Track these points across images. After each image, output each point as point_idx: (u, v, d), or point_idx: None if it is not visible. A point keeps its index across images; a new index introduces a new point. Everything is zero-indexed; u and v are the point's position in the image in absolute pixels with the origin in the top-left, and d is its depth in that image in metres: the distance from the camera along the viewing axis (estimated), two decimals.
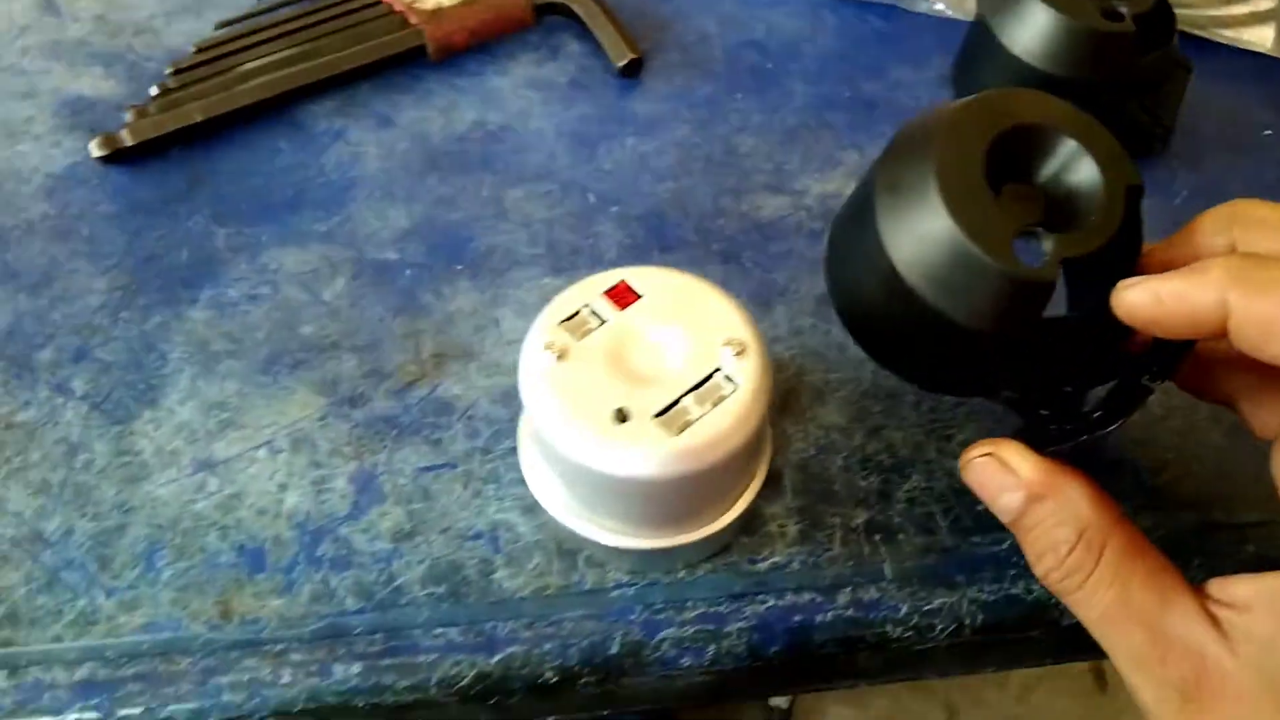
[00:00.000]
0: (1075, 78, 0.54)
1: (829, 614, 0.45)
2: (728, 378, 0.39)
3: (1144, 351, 0.41)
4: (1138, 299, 0.37)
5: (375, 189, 0.56)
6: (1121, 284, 0.37)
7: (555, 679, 0.43)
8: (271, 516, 0.46)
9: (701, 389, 0.39)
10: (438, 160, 0.57)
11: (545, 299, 0.51)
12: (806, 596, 0.45)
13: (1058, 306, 0.39)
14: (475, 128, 0.58)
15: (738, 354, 0.39)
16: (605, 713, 0.47)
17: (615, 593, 0.45)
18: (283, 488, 0.47)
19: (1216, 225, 0.39)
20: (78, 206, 0.55)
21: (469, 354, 0.50)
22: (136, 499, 0.46)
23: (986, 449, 0.40)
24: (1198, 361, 0.42)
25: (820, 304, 0.52)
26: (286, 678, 0.42)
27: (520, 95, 0.60)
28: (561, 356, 0.40)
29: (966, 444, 0.49)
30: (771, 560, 0.46)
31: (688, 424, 0.38)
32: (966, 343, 0.38)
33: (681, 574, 0.45)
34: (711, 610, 0.44)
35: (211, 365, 0.50)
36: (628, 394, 0.39)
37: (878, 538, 0.46)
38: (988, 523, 0.47)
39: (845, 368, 0.51)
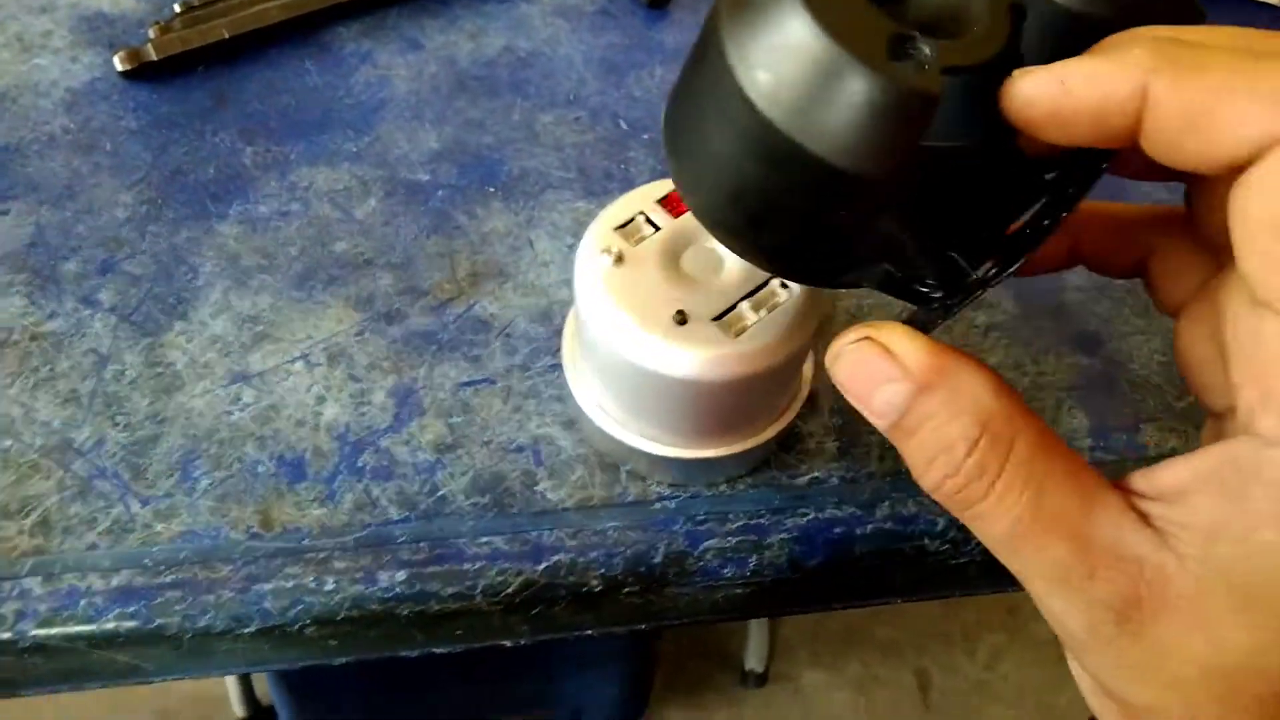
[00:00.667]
0: None
1: (868, 527, 0.44)
2: (782, 284, 0.39)
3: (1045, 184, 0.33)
4: (1038, 88, 0.29)
5: (404, 111, 0.54)
6: (1018, 72, 0.30)
7: (600, 588, 0.43)
8: (310, 428, 0.45)
9: (757, 295, 0.38)
10: (467, 84, 0.56)
11: (579, 222, 0.50)
12: (846, 510, 0.45)
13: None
14: (504, 53, 0.57)
15: None
16: (642, 626, 0.46)
17: (658, 505, 0.44)
18: (321, 400, 0.45)
19: (1118, 40, 0.31)
20: (100, 121, 0.53)
21: (504, 274, 0.49)
22: (170, 410, 0.45)
23: (862, 333, 0.32)
24: (1103, 225, 0.37)
25: None
26: (330, 584, 0.41)
27: (549, 23, 0.59)
28: (618, 261, 0.39)
29: (998, 367, 0.49)
30: (811, 475, 0.45)
31: (744, 329, 0.38)
32: (833, 191, 0.29)
33: (723, 488, 0.44)
34: (753, 522, 0.44)
35: (243, 280, 0.48)
36: (684, 298, 0.38)
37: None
38: None
39: None
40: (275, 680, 1.26)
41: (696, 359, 0.37)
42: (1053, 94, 0.29)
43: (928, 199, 0.32)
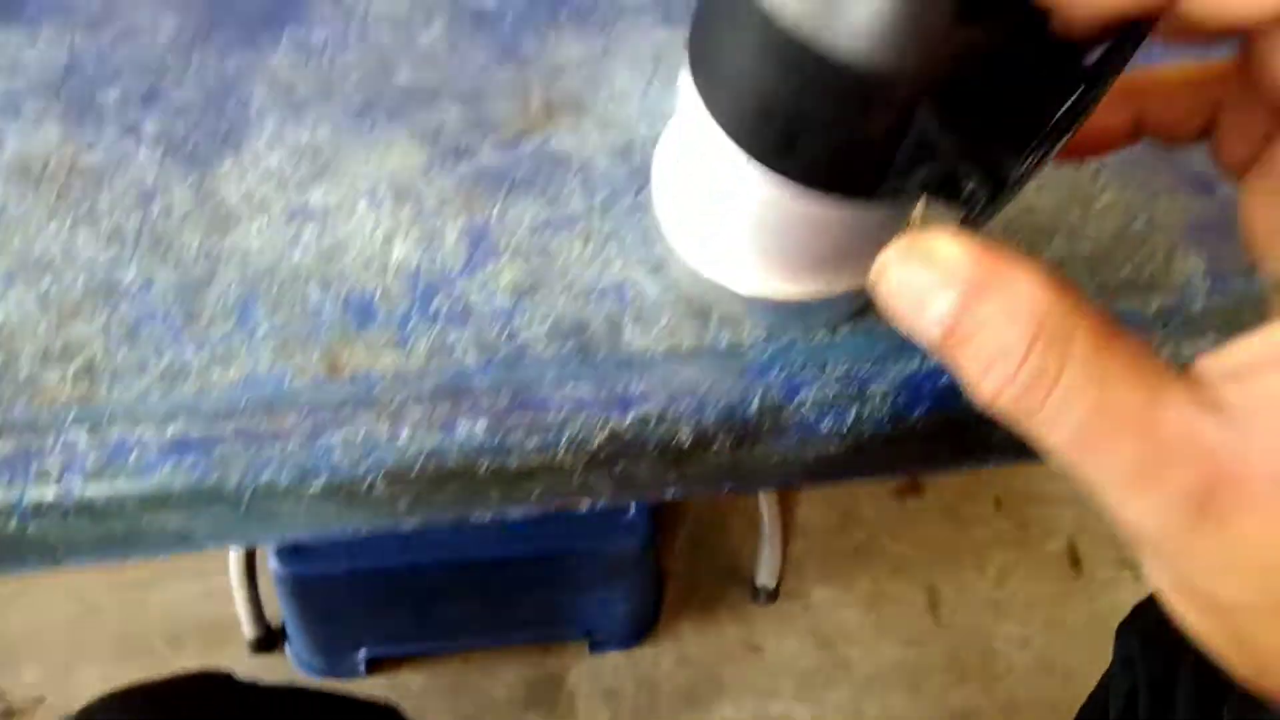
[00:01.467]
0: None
1: None
2: None
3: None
4: None
5: None
6: None
7: (689, 441, 0.39)
8: (378, 269, 0.41)
9: None
10: None
11: (659, 53, 0.45)
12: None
13: None
14: None
15: None
16: (726, 486, 0.43)
17: (751, 353, 0.40)
18: (388, 239, 0.41)
19: None
20: None
21: (581, 107, 0.45)
22: (224, 249, 0.41)
23: (902, 246, 0.29)
24: (1164, 91, 0.33)
25: None
26: (404, 436, 0.37)
27: None
28: None
29: (1110, 208, 0.45)
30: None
31: None
32: (862, 95, 0.28)
33: (821, 335, 0.40)
34: (854, 371, 0.40)
35: (299, 111, 0.44)
36: None
37: None
38: (1138, 285, 0.42)
39: None
40: (286, 597, 1.24)
41: None
42: None
43: (961, 93, 0.28)
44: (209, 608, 1.44)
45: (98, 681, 0.90)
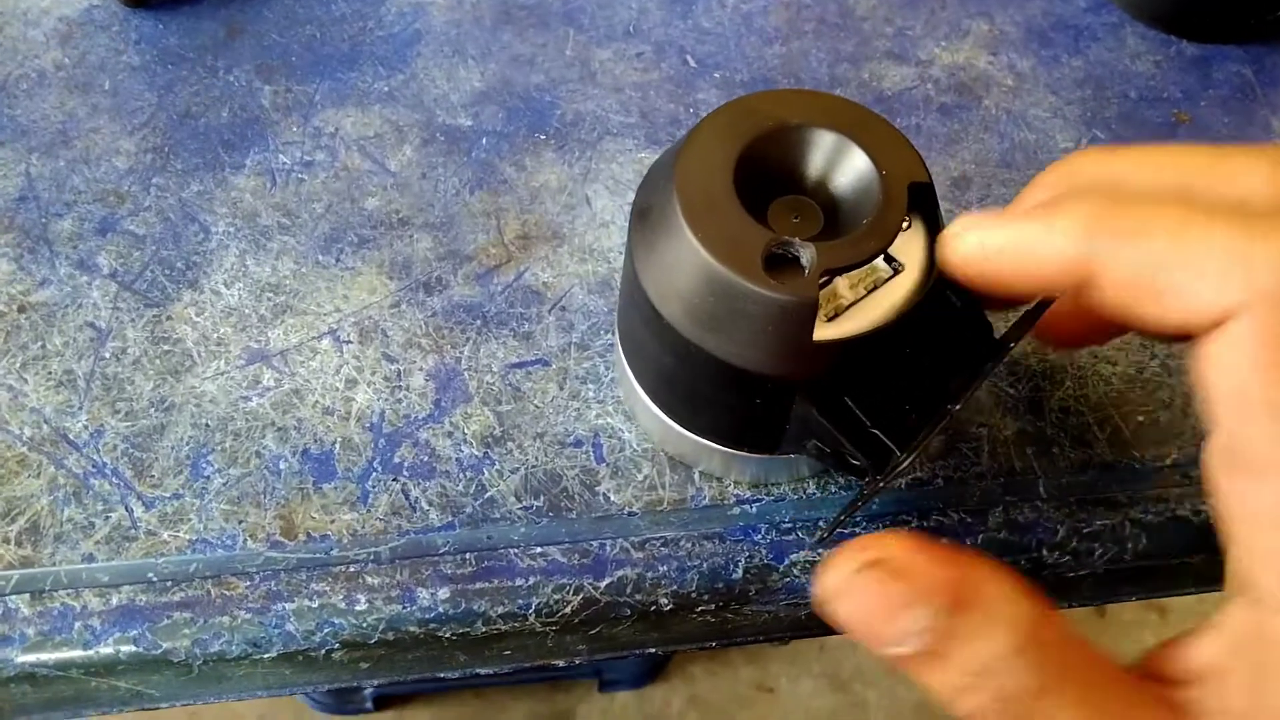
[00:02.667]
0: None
1: (979, 537, 0.37)
2: (889, 256, 0.31)
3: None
4: (969, 250, 0.28)
5: (443, 44, 0.46)
6: (950, 230, 0.29)
7: (670, 606, 0.36)
8: (339, 417, 0.37)
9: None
10: (513, 13, 0.47)
11: (642, 176, 0.42)
12: (954, 516, 0.37)
13: None
14: None
15: (905, 226, 0.31)
16: (712, 644, 0.39)
17: (737, 509, 0.37)
18: (351, 383, 0.38)
19: (1057, 183, 0.30)
20: (98, 56, 0.45)
21: (558, 236, 0.41)
22: (178, 394, 0.38)
23: (858, 558, 0.27)
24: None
25: (954, 186, 0.44)
26: (362, 603, 0.34)
27: None
28: None
29: (1123, 346, 0.41)
30: (913, 476, 0.38)
31: (838, 309, 0.30)
32: (741, 385, 0.31)
33: (810, 488, 0.37)
34: (846, 532, 0.36)
35: (262, 241, 0.41)
36: None
37: (1030, 450, 0.38)
38: (1149, 436, 0.39)
39: None
40: None
41: None
42: (982, 258, 0.28)
43: (839, 384, 0.31)
44: None
45: None
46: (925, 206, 0.31)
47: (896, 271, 0.30)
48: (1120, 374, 0.40)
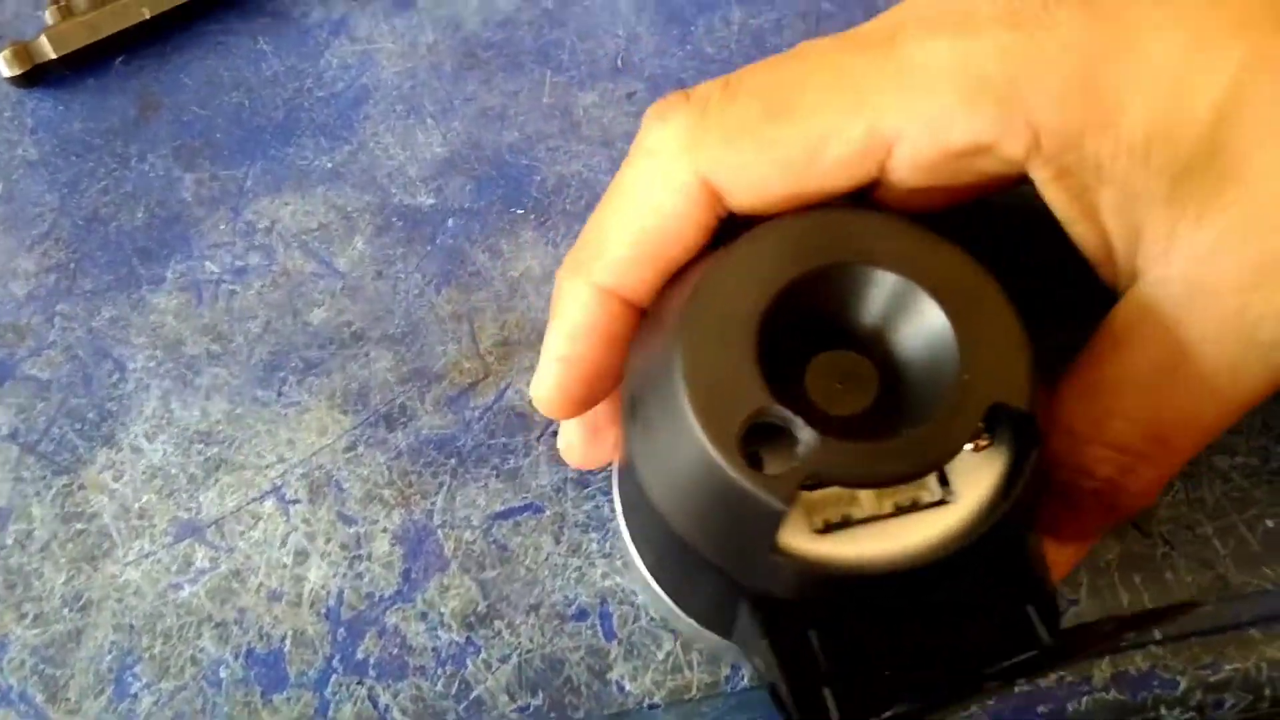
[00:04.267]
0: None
1: (1083, 700, 0.29)
2: (942, 475, 0.22)
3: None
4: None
5: (395, 102, 0.37)
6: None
7: None
8: (289, 602, 0.30)
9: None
10: (477, 55, 0.38)
11: None
12: (1053, 675, 0.29)
13: None
14: (526, 4, 0.39)
15: (975, 446, 0.22)
16: None
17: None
18: (301, 557, 0.30)
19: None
20: None
21: (544, 338, 0.33)
22: (96, 587, 0.30)
23: None
24: None
25: None
26: None
27: None
28: None
29: (1241, 428, 0.32)
30: None
31: (847, 519, 0.22)
32: (715, 576, 0.24)
33: None
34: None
35: (189, 377, 0.33)
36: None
37: (1137, 579, 0.30)
38: None
39: None
40: None
41: None
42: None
43: (806, 612, 0.23)
44: None
45: None
46: (1018, 429, 0.22)
47: (944, 501, 0.22)
48: (1241, 466, 0.31)
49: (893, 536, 0.22)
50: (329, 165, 0.36)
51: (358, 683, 0.29)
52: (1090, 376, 0.26)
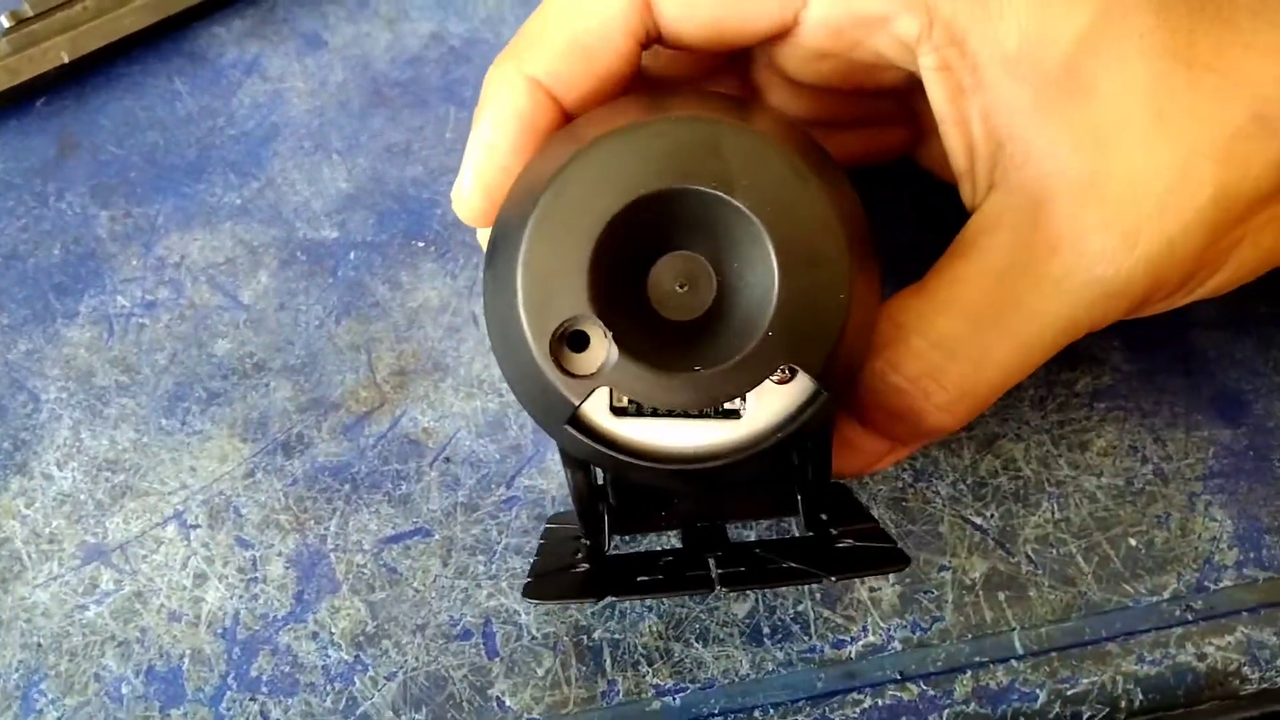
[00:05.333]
0: None
1: (944, 713, 0.30)
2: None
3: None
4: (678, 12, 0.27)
5: (303, 139, 0.39)
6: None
7: None
8: (188, 623, 0.31)
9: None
10: (384, 93, 0.39)
11: None
12: (914, 689, 0.30)
13: None
14: (432, 44, 0.41)
15: (778, 379, 0.23)
16: None
17: (657, 703, 0.30)
18: (200, 579, 0.32)
19: None
20: None
21: (440, 367, 0.34)
22: (6, 608, 0.32)
23: None
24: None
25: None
26: None
27: None
28: None
29: (1108, 450, 0.34)
30: (864, 641, 0.31)
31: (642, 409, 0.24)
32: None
33: (744, 667, 0.30)
34: None
35: (98, 407, 0.34)
36: None
37: (1002, 596, 0.31)
38: (1146, 563, 0.32)
39: None
40: None
41: None
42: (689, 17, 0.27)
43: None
44: None
45: None
46: (826, 370, 0.23)
47: (735, 414, 0.24)
48: (1107, 487, 0.33)
49: (677, 434, 0.24)
50: (238, 201, 0.37)
51: (250, 699, 0.30)
52: (931, 279, 0.28)
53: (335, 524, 0.32)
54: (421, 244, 0.37)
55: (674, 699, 0.30)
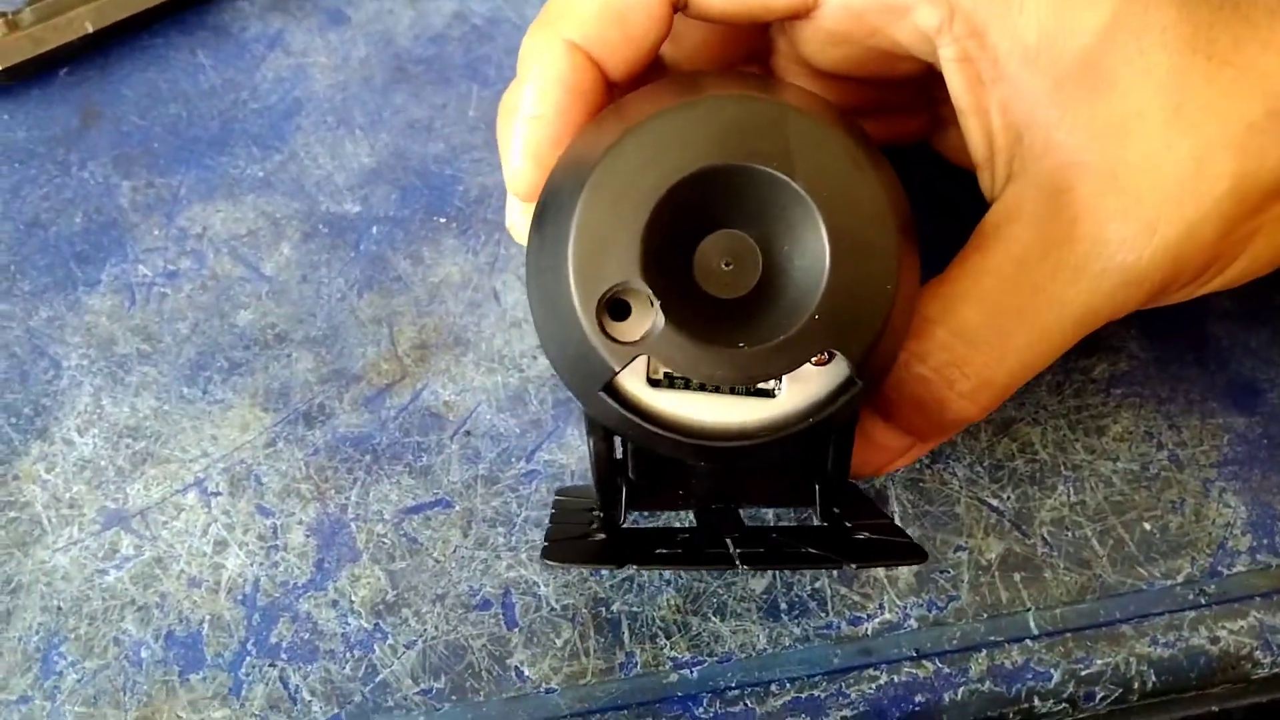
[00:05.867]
0: None
1: (959, 690, 0.30)
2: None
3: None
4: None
5: (327, 114, 0.39)
6: None
7: None
8: (208, 589, 0.31)
9: None
10: (407, 69, 0.40)
11: None
12: (930, 667, 0.31)
13: None
14: (456, 22, 0.41)
15: (816, 361, 0.23)
16: None
17: (674, 675, 0.30)
18: (220, 546, 0.32)
19: None
20: None
21: (461, 342, 0.34)
22: (26, 572, 0.31)
23: None
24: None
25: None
26: None
27: None
28: None
29: (1124, 436, 0.34)
30: (880, 618, 0.31)
31: (680, 380, 0.24)
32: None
33: (761, 642, 0.30)
34: (804, 695, 0.30)
35: (119, 375, 0.34)
36: None
37: (1018, 577, 0.32)
38: (1158, 547, 0.32)
39: None
40: None
41: None
42: None
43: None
44: None
45: None
46: (865, 359, 0.23)
47: (771, 394, 0.24)
48: (1123, 471, 0.33)
49: (710, 409, 0.24)
50: (260, 174, 0.37)
51: (270, 665, 0.30)
52: (953, 270, 0.28)
53: (356, 494, 0.32)
54: (443, 220, 0.37)
55: (691, 672, 0.30)
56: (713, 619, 0.31)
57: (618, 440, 0.27)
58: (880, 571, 0.32)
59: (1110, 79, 0.26)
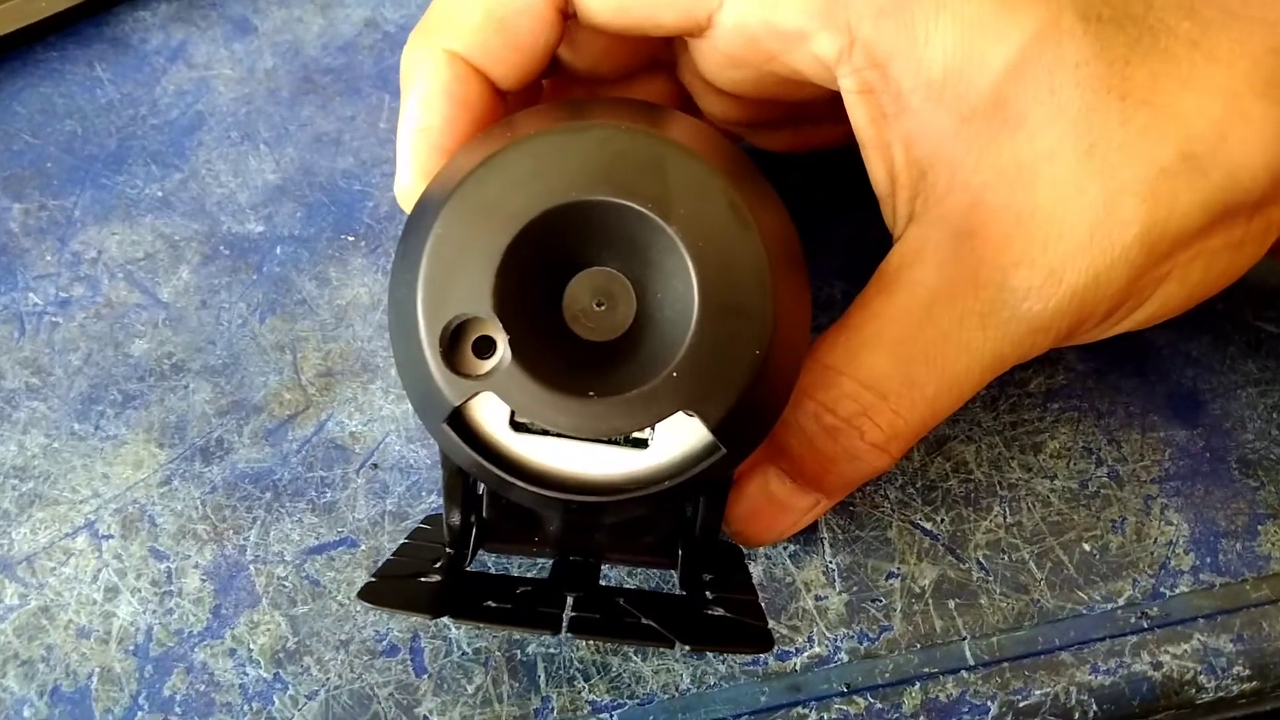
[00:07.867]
0: None
1: None
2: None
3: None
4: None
5: (230, 129, 0.36)
6: None
7: None
8: (98, 639, 0.29)
9: None
10: (315, 80, 0.37)
11: None
12: (861, 703, 0.28)
13: None
14: (366, 30, 0.38)
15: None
16: None
17: None
18: (112, 593, 0.29)
19: None
20: None
21: (369, 368, 0.32)
22: None
23: None
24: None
25: (860, 255, 0.34)
26: None
27: None
28: None
29: (1061, 452, 0.32)
30: (810, 651, 0.29)
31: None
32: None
33: (684, 682, 0.28)
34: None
35: (8, 411, 0.31)
36: None
37: (952, 604, 0.29)
38: (1100, 568, 0.30)
39: None
40: None
41: None
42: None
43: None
44: None
45: None
46: (727, 424, 0.21)
47: (644, 443, 0.22)
48: (1060, 490, 0.31)
49: (576, 457, 0.22)
50: (159, 194, 0.35)
51: (164, 717, 0.28)
52: (855, 315, 0.26)
53: (255, 534, 0.30)
54: (351, 238, 0.34)
55: (611, 716, 0.28)
56: (634, 659, 0.29)
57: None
58: (810, 602, 0.29)
59: (1019, 117, 0.25)
